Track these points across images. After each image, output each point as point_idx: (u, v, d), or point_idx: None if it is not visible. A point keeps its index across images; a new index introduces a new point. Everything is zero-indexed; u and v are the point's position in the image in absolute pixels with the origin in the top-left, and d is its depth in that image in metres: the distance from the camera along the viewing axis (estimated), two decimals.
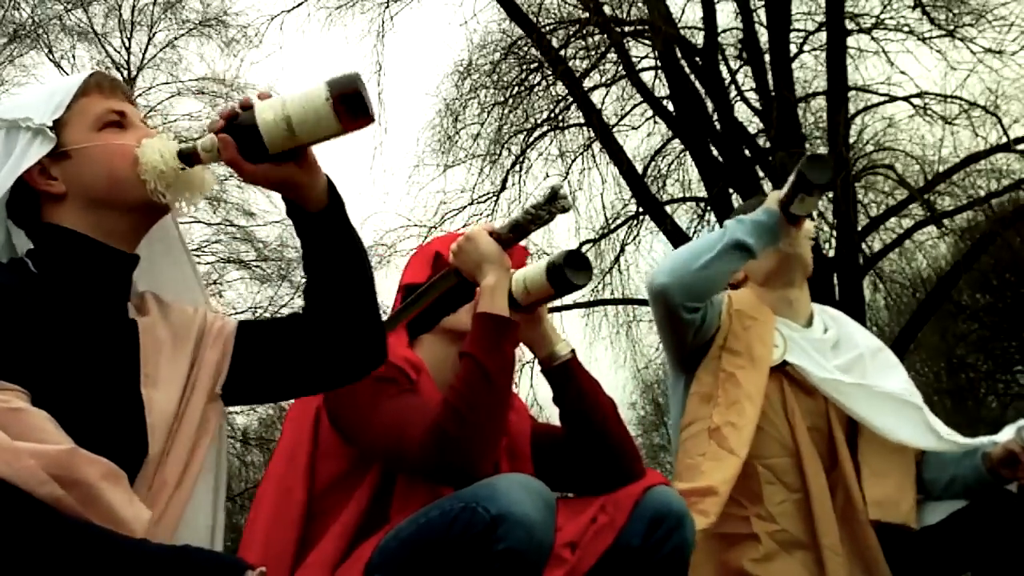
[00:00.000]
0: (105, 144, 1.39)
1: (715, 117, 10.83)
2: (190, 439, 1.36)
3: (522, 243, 1.83)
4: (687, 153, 11.36)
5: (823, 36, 10.80)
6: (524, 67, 11.50)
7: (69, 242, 1.37)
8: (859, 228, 10.47)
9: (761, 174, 10.67)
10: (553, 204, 1.68)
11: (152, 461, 1.31)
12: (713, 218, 11.14)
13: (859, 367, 2.26)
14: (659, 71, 11.15)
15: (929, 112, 10.49)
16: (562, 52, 10.74)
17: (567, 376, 1.80)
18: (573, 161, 11.78)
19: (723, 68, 11.06)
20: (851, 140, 10.68)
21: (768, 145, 10.66)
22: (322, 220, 1.41)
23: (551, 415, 2.08)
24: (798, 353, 2.20)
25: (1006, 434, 2.11)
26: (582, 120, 11.31)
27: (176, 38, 15.10)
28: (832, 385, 2.15)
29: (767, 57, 10.82)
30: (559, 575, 1.55)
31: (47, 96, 1.41)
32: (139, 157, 1.38)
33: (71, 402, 1.23)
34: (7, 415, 1.13)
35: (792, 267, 2.30)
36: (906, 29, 10.66)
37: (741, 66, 11.27)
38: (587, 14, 10.62)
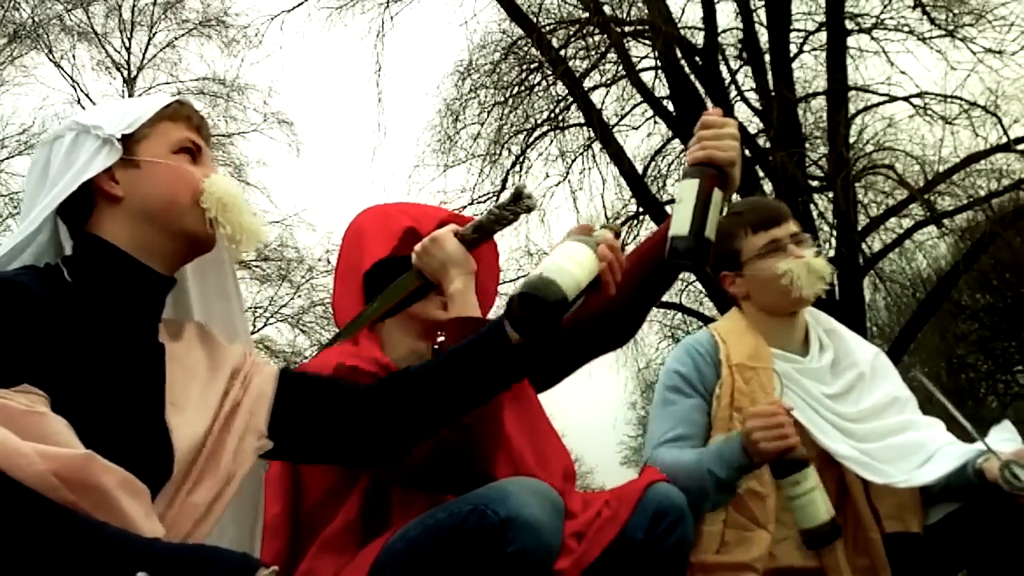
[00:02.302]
0: (176, 166, 1.44)
1: None
2: (226, 470, 1.36)
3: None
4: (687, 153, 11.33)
5: (823, 36, 10.83)
6: (524, 67, 11.51)
7: (106, 255, 1.40)
8: (859, 228, 10.48)
9: (761, 174, 10.68)
10: (517, 204, 1.66)
11: (174, 483, 1.31)
12: None
13: (858, 388, 2.24)
14: (659, 71, 11.17)
15: (929, 112, 10.52)
16: (562, 52, 10.75)
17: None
18: (573, 161, 11.80)
19: (723, 68, 11.08)
20: (851, 140, 10.70)
21: (768, 145, 10.66)
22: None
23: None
24: (795, 400, 2.16)
25: (994, 440, 2.10)
26: (582, 120, 11.33)
27: (176, 38, 15.15)
28: (830, 447, 2.13)
29: (767, 57, 10.84)
30: (566, 563, 1.56)
31: (123, 111, 1.45)
32: (205, 188, 1.43)
33: (91, 415, 1.23)
34: (28, 417, 1.14)
35: (802, 303, 2.27)
36: (906, 29, 10.69)
37: (741, 66, 11.30)
38: (587, 14, 10.64)
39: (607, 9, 10.83)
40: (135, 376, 1.34)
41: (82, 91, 14.78)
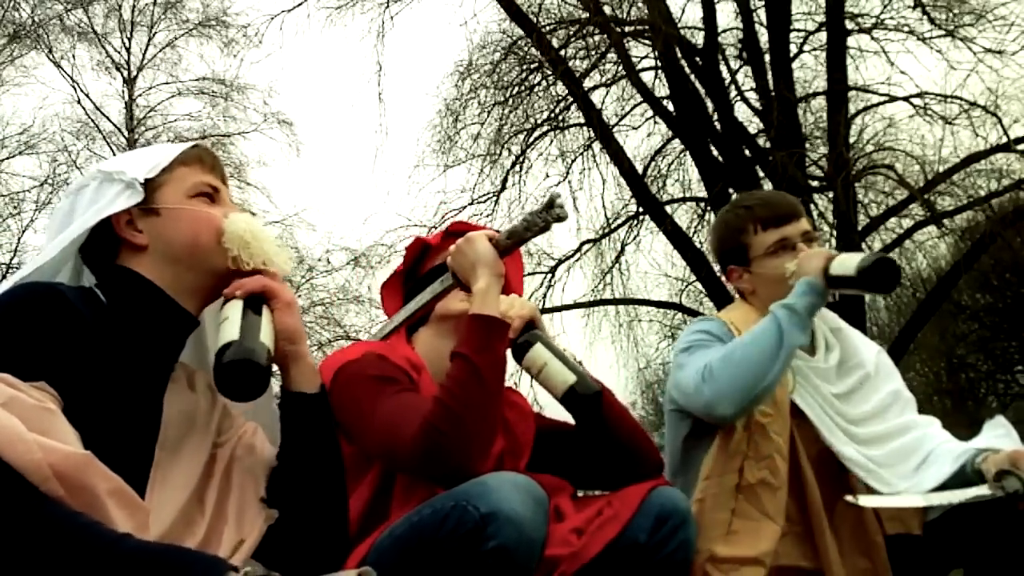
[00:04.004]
0: (195, 210, 1.50)
1: (715, 117, 10.84)
2: (234, 535, 1.38)
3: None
4: (687, 153, 11.37)
5: (823, 36, 10.83)
6: (524, 67, 11.52)
7: (140, 288, 1.45)
8: (859, 228, 10.47)
9: (761, 174, 10.68)
10: (549, 212, 1.72)
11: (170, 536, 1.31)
12: (713, 218, 11.14)
13: (863, 389, 2.23)
14: (659, 71, 11.17)
15: (929, 112, 10.50)
16: (562, 52, 10.75)
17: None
18: (573, 161, 11.81)
19: (723, 68, 11.07)
20: (851, 140, 10.70)
21: (768, 145, 10.67)
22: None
23: (552, 415, 2.08)
24: (806, 396, 2.16)
25: (989, 436, 2.10)
26: (582, 120, 11.33)
27: (176, 38, 15.12)
28: (837, 449, 2.13)
29: (767, 57, 10.84)
30: (563, 553, 1.57)
31: (146, 157, 1.54)
32: (225, 227, 1.49)
33: (88, 428, 1.24)
34: (37, 411, 1.17)
35: None
36: (906, 29, 10.68)
37: (741, 66, 11.30)
38: (587, 14, 10.64)
39: (607, 9, 10.82)
40: (137, 405, 1.38)
41: (82, 91, 14.74)
